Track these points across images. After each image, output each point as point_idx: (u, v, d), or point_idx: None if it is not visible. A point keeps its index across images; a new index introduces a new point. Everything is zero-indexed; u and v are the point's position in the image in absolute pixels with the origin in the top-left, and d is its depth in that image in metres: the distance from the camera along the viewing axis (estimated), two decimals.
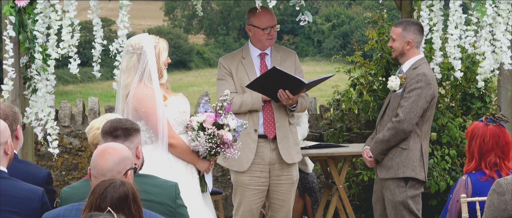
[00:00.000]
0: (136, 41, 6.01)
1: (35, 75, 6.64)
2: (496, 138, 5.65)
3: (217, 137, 5.91)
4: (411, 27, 6.94)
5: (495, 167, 5.63)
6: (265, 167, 7.07)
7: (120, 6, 6.46)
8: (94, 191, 3.90)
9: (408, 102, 6.87)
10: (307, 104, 7.18)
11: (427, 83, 6.87)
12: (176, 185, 4.90)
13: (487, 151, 5.64)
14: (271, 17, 7.07)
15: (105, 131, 4.93)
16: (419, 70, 6.91)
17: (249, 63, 7.13)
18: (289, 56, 7.19)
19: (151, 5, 48.26)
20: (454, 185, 5.73)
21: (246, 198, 7.11)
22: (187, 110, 6.08)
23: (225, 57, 7.26)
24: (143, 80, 5.93)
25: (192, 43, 45.22)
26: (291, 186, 7.14)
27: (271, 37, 7.08)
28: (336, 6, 48.61)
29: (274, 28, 7.07)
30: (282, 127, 7.05)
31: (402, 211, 6.93)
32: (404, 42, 6.95)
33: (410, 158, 6.94)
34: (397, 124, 6.87)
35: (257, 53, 7.15)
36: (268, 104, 7.04)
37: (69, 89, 33.51)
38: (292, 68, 7.10)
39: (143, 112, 5.90)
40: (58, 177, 9.71)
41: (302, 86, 6.87)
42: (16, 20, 6.54)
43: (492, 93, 9.35)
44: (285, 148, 7.06)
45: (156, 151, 5.92)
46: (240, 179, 7.09)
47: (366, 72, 9.61)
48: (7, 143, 4.77)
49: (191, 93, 27.16)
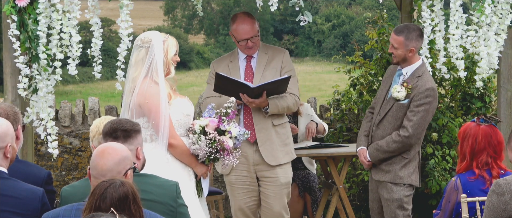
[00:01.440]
0: (146, 36, 6.06)
1: (36, 75, 6.64)
2: (488, 137, 5.67)
3: (218, 143, 5.92)
4: (412, 34, 6.87)
5: (486, 166, 5.64)
6: (250, 168, 7.09)
7: (121, 6, 6.46)
8: (94, 192, 3.90)
9: (416, 118, 6.85)
10: (291, 105, 7.06)
11: (434, 97, 6.89)
12: (177, 184, 4.90)
13: (479, 150, 5.66)
14: (249, 29, 7.02)
15: (105, 132, 4.93)
16: (426, 82, 6.85)
17: (235, 67, 7.13)
18: (278, 56, 7.15)
19: (151, 5, 48.26)
20: (446, 186, 5.75)
21: (235, 197, 7.18)
22: (191, 113, 6.08)
23: (215, 60, 7.32)
24: (149, 74, 5.94)
25: (192, 43, 45.23)
26: (278, 188, 7.12)
27: (249, 47, 7.07)
28: (336, 6, 48.60)
29: (251, 40, 7.05)
30: (262, 129, 7.04)
31: (395, 209, 6.94)
32: (406, 50, 6.91)
33: (408, 167, 6.97)
34: (405, 139, 6.87)
35: (244, 56, 7.17)
36: (248, 108, 7.04)
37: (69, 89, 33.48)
38: (278, 68, 7.08)
39: (147, 108, 5.90)
40: (58, 177, 9.71)
41: (249, 90, 6.80)
42: (16, 20, 6.54)
43: (492, 93, 9.35)
44: (268, 150, 7.04)
45: (156, 150, 5.92)
46: (228, 178, 7.17)
47: (366, 72, 9.61)
48: (7, 146, 4.76)
49: (191, 93, 27.17)
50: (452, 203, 5.61)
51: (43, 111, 6.64)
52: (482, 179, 5.61)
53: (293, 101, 7.09)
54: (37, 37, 6.52)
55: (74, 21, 6.53)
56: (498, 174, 5.61)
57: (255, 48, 7.11)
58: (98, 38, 6.59)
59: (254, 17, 7.14)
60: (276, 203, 7.14)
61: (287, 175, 7.17)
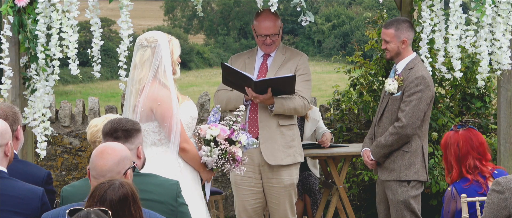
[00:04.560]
0: (151, 35, 5.91)
1: (34, 75, 6.64)
2: (469, 141, 5.69)
3: (229, 154, 5.87)
4: (402, 25, 6.95)
5: (475, 169, 5.66)
6: (255, 168, 7.08)
7: (120, 7, 6.46)
8: (93, 193, 3.89)
9: (409, 107, 6.86)
10: (298, 107, 7.01)
11: (426, 85, 6.87)
12: (177, 183, 4.89)
13: (463, 155, 5.68)
14: (270, 26, 7.04)
15: (105, 132, 4.91)
16: (416, 72, 6.90)
17: (251, 63, 7.14)
18: (295, 58, 7.14)
19: (151, 5, 48.24)
20: (443, 198, 5.76)
21: (239, 197, 7.18)
22: (196, 115, 6.03)
23: (234, 55, 7.34)
24: (158, 76, 5.80)
25: (192, 43, 45.20)
26: (283, 189, 7.11)
27: (266, 44, 7.07)
28: (336, 6, 48.58)
29: (271, 37, 7.06)
30: (266, 127, 7.02)
31: (403, 210, 6.93)
32: (399, 42, 6.96)
33: (412, 160, 6.95)
34: (400, 129, 6.87)
35: (262, 54, 7.17)
36: (255, 104, 7.03)
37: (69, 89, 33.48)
38: (292, 69, 7.07)
39: (159, 113, 5.77)
40: (58, 177, 9.71)
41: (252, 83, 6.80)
42: (15, 20, 6.54)
43: (492, 93, 9.36)
44: (268, 149, 7.02)
45: (168, 154, 5.82)
46: (233, 178, 7.16)
47: (366, 72, 9.61)
48: (8, 144, 4.77)
49: (191, 93, 27.09)
50: (451, 212, 5.63)
51: (38, 111, 6.64)
52: (477, 183, 5.63)
53: (302, 104, 7.02)
54: (36, 37, 6.52)
55: (72, 20, 6.53)
56: (490, 174, 5.64)
57: (273, 47, 7.11)
58: (98, 38, 6.59)
59: (279, 16, 7.13)
60: (281, 204, 7.14)
61: (292, 177, 7.14)
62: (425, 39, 6.82)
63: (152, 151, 5.76)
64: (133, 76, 5.89)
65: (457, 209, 5.59)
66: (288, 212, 7.18)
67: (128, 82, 6.00)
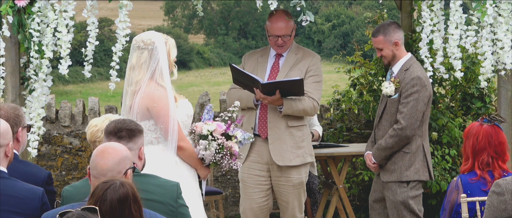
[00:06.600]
0: (147, 37, 5.89)
1: (32, 75, 6.64)
2: (488, 137, 5.64)
3: (226, 148, 5.89)
4: (389, 28, 6.99)
5: (487, 167, 5.62)
6: (263, 166, 7.08)
7: (120, 6, 6.46)
8: (93, 193, 3.89)
9: (407, 108, 6.88)
10: (307, 108, 7.00)
11: (422, 86, 6.88)
12: (178, 184, 4.90)
13: (479, 150, 5.64)
14: (282, 27, 7.04)
15: (109, 131, 4.90)
16: (412, 73, 6.92)
17: (263, 62, 7.15)
18: (307, 58, 7.14)
19: (151, 5, 48.26)
20: (448, 186, 5.75)
21: (246, 195, 7.17)
22: (192, 113, 6.05)
23: (248, 53, 7.36)
24: (155, 77, 5.82)
25: (192, 43, 45.22)
26: (292, 188, 7.11)
27: (278, 45, 7.07)
28: (336, 6, 48.60)
29: (282, 38, 7.06)
30: (275, 127, 7.02)
31: (403, 211, 6.94)
32: (391, 45, 6.99)
33: (413, 161, 6.96)
34: (400, 131, 6.88)
35: (274, 53, 7.18)
36: (264, 105, 7.04)
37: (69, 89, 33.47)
38: (303, 70, 7.07)
39: (155, 112, 5.80)
40: (58, 177, 9.71)
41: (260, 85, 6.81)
42: (15, 20, 6.54)
43: (492, 93, 9.35)
44: (277, 149, 7.02)
45: (165, 153, 5.85)
46: (242, 175, 7.16)
47: (366, 72, 9.61)
48: (8, 145, 4.77)
49: (191, 93, 27.16)
50: (452, 202, 5.62)
51: (34, 111, 6.65)
52: (484, 181, 5.60)
53: (311, 105, 7.01)
54: (31, 36, 6.52)
55: (68, 20, 6.53)
56: (500, 176, 5.58)
57: (285, 48, 7.11)
58: (94, 38, 6.59)
59: (292, 17, 7.12)
60: (290, 202, 7.14)
61: (301, 175, 7.13)
62: (425, 39, 6.82)
63: (149, 149, 5.77)
64: (129, 78, 5.90)
65: (457, 202, 5.58)
66: (296, 211, 7.18)
67: (124, 83, 6.01)
